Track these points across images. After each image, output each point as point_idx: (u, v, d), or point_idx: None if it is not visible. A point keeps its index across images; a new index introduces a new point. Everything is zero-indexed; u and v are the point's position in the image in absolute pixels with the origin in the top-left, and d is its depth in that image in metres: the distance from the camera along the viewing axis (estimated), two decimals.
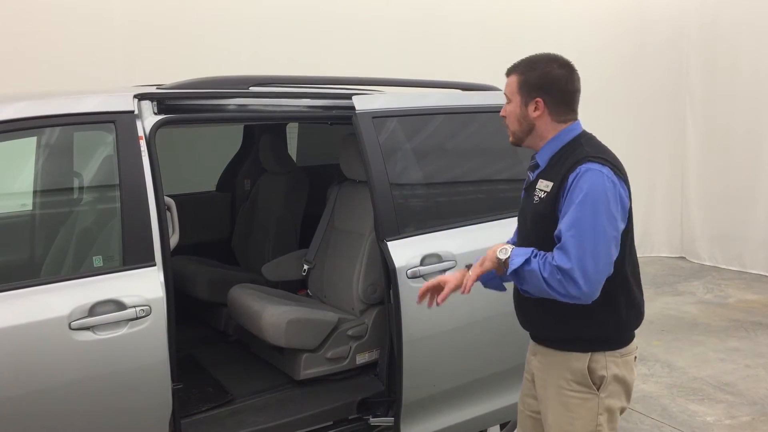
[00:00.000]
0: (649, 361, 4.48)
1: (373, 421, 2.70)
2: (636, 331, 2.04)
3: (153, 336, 2.11)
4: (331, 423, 2.70)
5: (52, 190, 2.48)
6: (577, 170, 1.83)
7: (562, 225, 1.81)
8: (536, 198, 1.95)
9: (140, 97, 2.30)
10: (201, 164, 4.49)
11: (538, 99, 1.93)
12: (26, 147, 2.36)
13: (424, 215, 2.75)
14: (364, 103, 2.66)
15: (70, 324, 1.99)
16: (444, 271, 2.59)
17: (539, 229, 1.93)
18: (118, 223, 2.17)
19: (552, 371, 2.00)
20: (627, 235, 1.90)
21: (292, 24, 5.26)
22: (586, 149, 1.90)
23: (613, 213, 1.81)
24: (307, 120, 3.79)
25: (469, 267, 2.03)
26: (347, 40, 5.49)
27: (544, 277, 1.79)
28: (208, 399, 2.73)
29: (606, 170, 1.83)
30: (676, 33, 7.09)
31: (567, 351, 1.96)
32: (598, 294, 1.80)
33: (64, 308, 2.00)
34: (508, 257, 1.87)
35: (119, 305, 2.06)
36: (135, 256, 2.14)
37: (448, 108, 2.91)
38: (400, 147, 2.74)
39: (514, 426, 3.21)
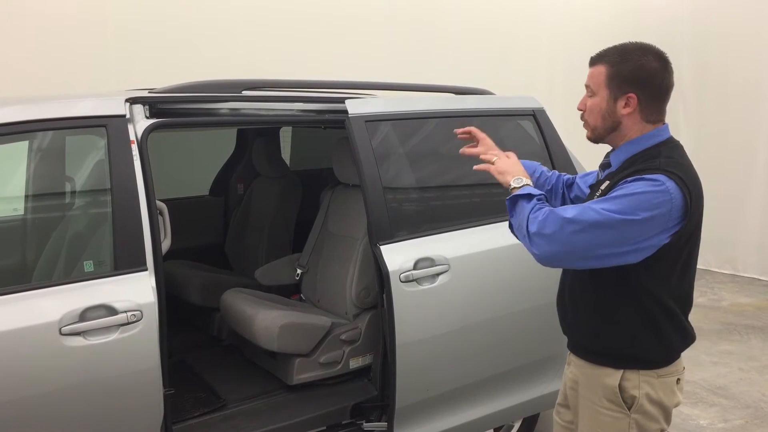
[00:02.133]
0: None
1: (367, 426, 2.69)
2: None
3: (144, 341, 2.09)
4: (325, 428, 2.69)
5: (44, 194, 2.46)
6: (642, 176, 1.68)
7: (592, 203, 1.70)
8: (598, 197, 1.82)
9: (132, 101, 2.29)
10: (194, 168, 4.48)
11: (631, 94, 1.76)
12: (18, 151, 2.34)
13: (417, 219, 2.75)
14: (357, 106, 2.65)
15: (60, 329, 1.97)
16: (437, 275, 2.59)
17: None
18: (110, 228, 2.15)
19: (585, 384, 1.93)
20: (680, 255, 1.77)
21: (285, 28, 5.25)
22: (660, 160, 1.73)
23: (645, 230, 1.66)
24: (300, 124, 3.79)
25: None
26: (340, 44, 5.49)
27: (528, 216, 1.74)
28: (200, 404, 2.72)
29: (670, 184, 1.67)
30: (668, 39, 7.08)
31: (599, 365, 1.87)
32: (546, 262, 1.74)
33: (54, 313, 1.98)
34: (519, 187, 1.83)
35: (110, 310, 2.05)
36: (126, 261, 2.13)
37: (441, 112, 2.90)
38: (393, 151, 2.74)
39: (508, 430, 3.21)
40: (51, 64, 4.35)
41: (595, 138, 1.87)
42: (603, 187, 1.83)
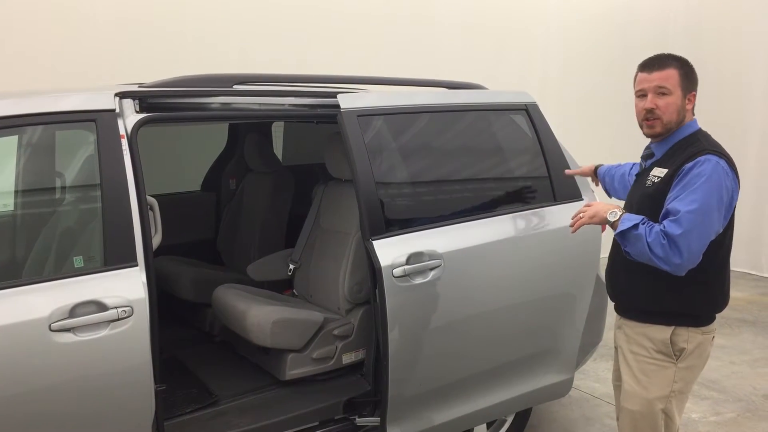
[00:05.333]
0: None
1: (360, 421, 2.69)
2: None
3: (135, 337, 2.08)
4: (317, 423, 2.68)
5: (34, 189, 2.44)
6: (697, 160, 2.02)
7: (679, 203, 1.97)
8: (648, 182, 2.14)
9: (122, 95, 2.27)
10: (185, 163, 4.45)
11: (694, 92, 2.16)
12: (7, 146, 2.32)
13: (409, 214, 2.74)
14: (349, 101, 2.64)
15: (50, 325, 1.96)
16: (430, 270, 2.59)
17: (644, 209, 2.11)
18: (100, 223, 2.14)
19: (634, 340, 2.19)
20: (730, 224, 2.12)
21: (278, 23, 5.23)
22: (703, 144, 2.10)
23: (724, 204, 2.03)
24: (292, 118, 3.78)
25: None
26: (333, 39, 5.47)
27: (648, 242, 1.96)
28: (192, 400, 2.71)
29: (723, 162, 2.03)
30: (661, 34, 7.14)
31: (651, 324, 2.14)
32: (686, 271, 1.99)
33: (44, 309, 1.96)
34: (617, 220, 2.05)
35: (100, 306, 2.03)
36: (116, 257, 2.11)
37: (433, 106, 2.90)
38: (385, 145, 2.72)
39: (501, 425, 3.22)
40: (40, 58, 4.31)
41: (664, 131, 2.16)
42: (659, 173, 2.12)
